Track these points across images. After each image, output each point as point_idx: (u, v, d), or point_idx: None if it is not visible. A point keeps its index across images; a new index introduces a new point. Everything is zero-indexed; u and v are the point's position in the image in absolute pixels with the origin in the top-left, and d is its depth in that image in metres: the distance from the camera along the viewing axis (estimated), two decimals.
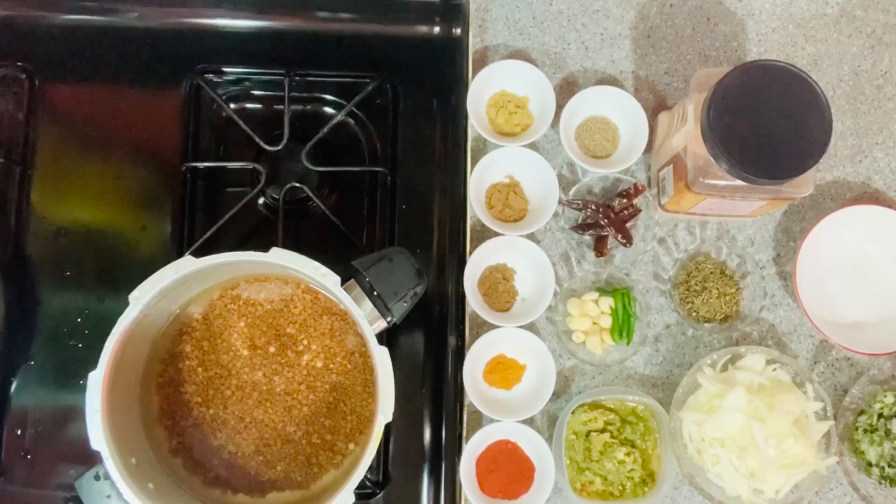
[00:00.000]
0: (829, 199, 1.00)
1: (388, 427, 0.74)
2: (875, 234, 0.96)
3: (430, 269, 0.92)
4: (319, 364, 0.85)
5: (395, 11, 0.97)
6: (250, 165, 0.93)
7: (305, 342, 0.85)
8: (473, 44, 0.98)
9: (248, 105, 0.98)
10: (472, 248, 0.92)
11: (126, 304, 0.74)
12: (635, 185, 0.96)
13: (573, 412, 0.91)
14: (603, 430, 0.91)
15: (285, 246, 0.76)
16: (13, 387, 0.89)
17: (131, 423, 0.80)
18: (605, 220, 0.95)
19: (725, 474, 0.86)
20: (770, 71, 0.80)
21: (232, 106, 0.96)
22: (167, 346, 0.85)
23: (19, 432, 0.88)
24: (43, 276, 0.91)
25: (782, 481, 0.86)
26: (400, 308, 0.78)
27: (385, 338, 0.87)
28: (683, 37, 1.03)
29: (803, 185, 0.84)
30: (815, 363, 0.97)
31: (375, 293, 0.76)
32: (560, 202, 0.94)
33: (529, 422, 0.91)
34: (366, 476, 0.74)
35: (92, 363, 0.73)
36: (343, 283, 0.76)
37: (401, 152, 0.95)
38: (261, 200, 0.95)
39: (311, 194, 0.91)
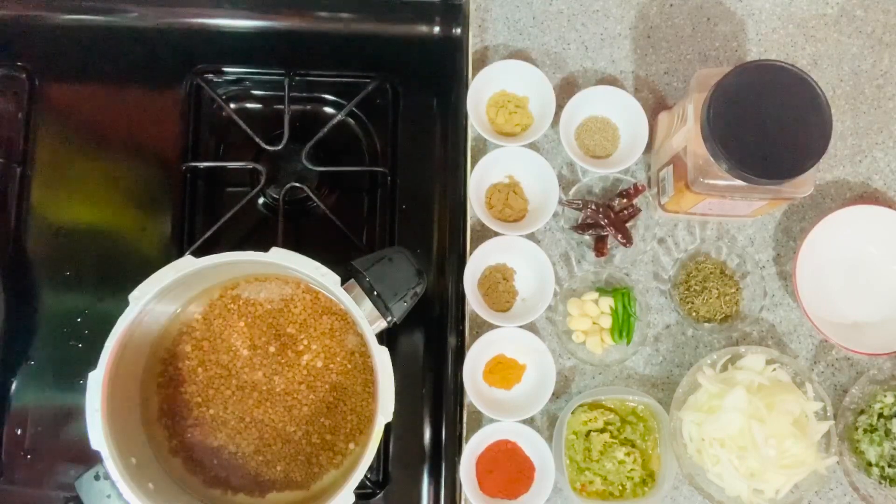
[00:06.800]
0: (829, 199, 1.00)
1: (388, 427, 0.74)
2: (875, 234, 0.96)
3: (430, 269, 0.92)
4: (319, 364, 0.85)
5: (394, 11, 0.97)
6: (250, 165, 0.93)
7: (305, 342, 0.85)
8: (473, 44, 0.98)
9: (248, 105, 0.98)
10: (472, 248, 0.92)
11: (126, 304, 0.74)
12: (635, 185, 0.96)
13: (573, 412, 0.91)
14: (603, 430, 0.91)
15: (285, 246, 0.76)
16: (13, 387, 0.89)
17: (131, 423, 0.80)
18: (605, 220, 0.95)
19: (725, 474, 0.86)
20: (770, 71, 0.80)
21: (232, 106, 0.96)
22: (167, 346, 0.85)
23: (19, 432, 0.88)
24: (43, 276, 0.91)
25: (782, 481, 0.86)
26: (400, 308, 0.78)
27: (385, 338, 0.87)
28: (683, 37, 1.03)
29: (803, 185, 0.84)
30: (815, 363, 0.97)
31: (375, 293, 0.76)
32: (560, 202, 0.94)
33: (529, 422, 0.91)
34: (366, 476, 0.74)
35: (92, 363, 0.73)
36: (343, 283, 0.76)
37: (401, 152, 0.95)
38: (261, 200, 0.95)
39: (311, 194, 0.91)
